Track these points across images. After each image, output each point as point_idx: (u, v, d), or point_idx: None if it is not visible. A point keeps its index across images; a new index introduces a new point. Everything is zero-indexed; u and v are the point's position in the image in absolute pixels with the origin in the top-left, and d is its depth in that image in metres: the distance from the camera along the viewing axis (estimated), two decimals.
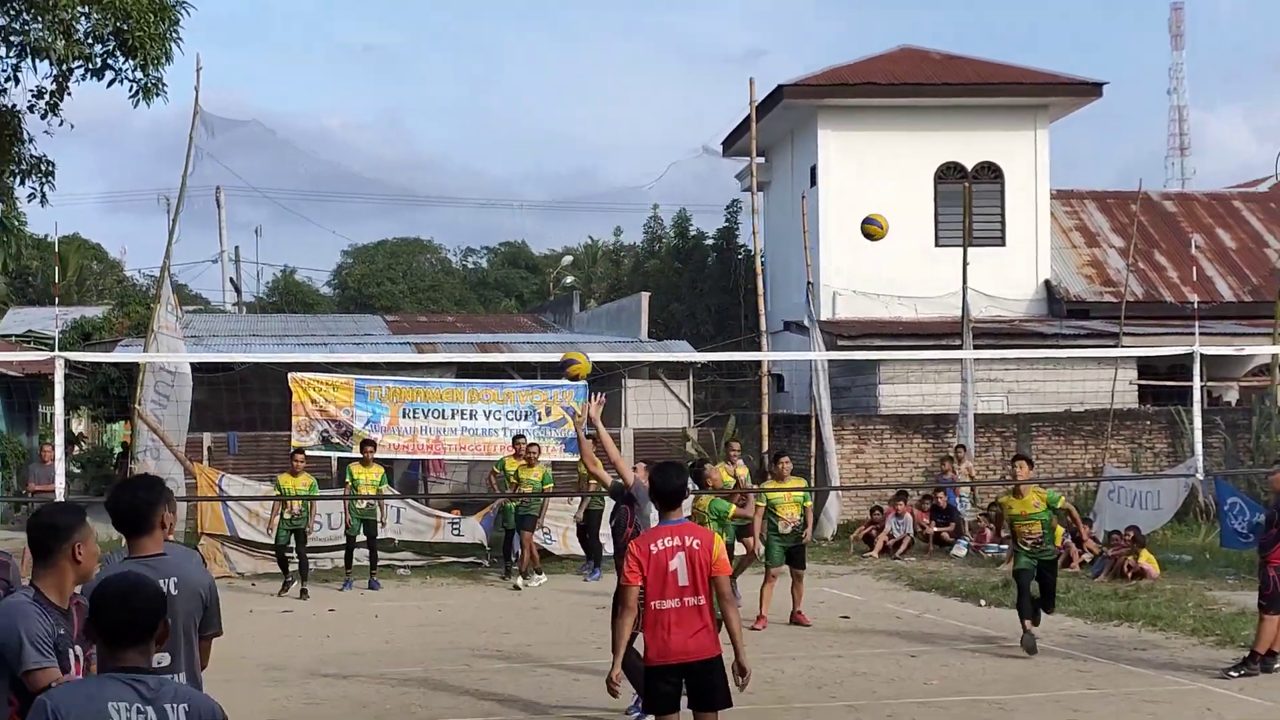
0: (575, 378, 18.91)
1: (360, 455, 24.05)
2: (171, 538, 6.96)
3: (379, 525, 24.00)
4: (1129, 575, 22.69)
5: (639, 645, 10.30)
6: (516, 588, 22.92)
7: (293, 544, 23.09)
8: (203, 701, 5.54)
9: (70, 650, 6.04)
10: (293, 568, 22.83)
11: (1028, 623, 16.29)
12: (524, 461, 24.25)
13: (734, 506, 18.04)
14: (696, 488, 16.84)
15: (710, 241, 48.61)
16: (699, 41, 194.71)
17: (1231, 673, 14.85)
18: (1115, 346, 31.04)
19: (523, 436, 25.17)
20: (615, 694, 9.68)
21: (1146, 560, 22.87)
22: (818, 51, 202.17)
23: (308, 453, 26.36)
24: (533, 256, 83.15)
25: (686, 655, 9.22)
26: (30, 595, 6.11)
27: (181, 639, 6.61)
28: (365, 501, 23.43)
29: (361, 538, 23.76)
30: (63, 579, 6.16)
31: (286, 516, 23.01)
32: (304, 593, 22.50)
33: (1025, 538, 16.67)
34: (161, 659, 6.33)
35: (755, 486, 20.72)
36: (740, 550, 19.64)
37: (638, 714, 13.02)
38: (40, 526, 6.28)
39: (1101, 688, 14.41)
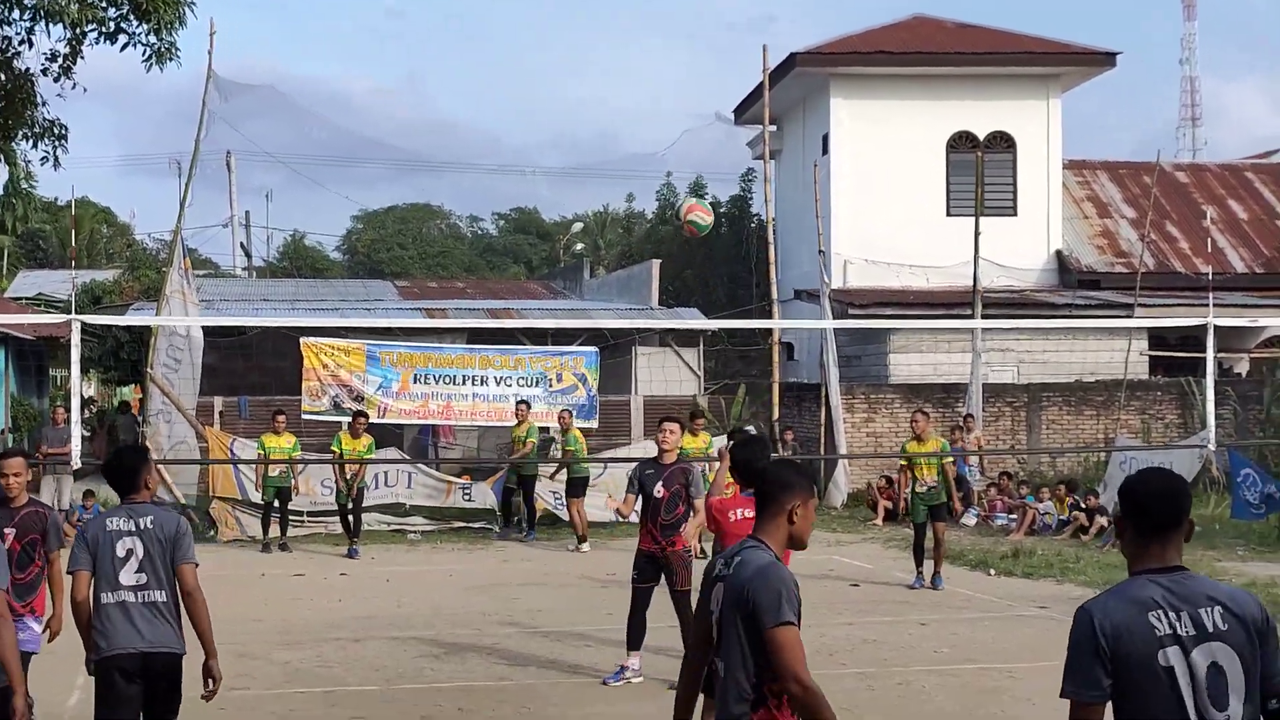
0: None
1: (350, 424, 24.11)
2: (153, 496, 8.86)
3: (363, 493, 24.13)
4: None
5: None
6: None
7: (276, 503, 23.88)
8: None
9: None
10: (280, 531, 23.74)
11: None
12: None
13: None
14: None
15: (723, 209, 48.49)
16: (711, 7, 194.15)
17: None
18: (1127, 317, 30.99)
19: (568, 410, 25.53)
20: None
21: None
22: (829, 18, 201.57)
23: (319, 417, 26.49)
24: (543, 223, 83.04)
25: None
26: None
27: (157, 563, 8.33)
28: (350, 471, 23.54)
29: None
30: None
31: (272, 475, 23.59)
32: (284, 546, 23.62)
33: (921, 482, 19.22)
34: (140, 578, 8.28)
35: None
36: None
37: (617, 680, 13.09)
38: None
39: None
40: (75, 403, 15.24)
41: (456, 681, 13.32)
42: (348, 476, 23.47)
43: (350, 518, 23.52)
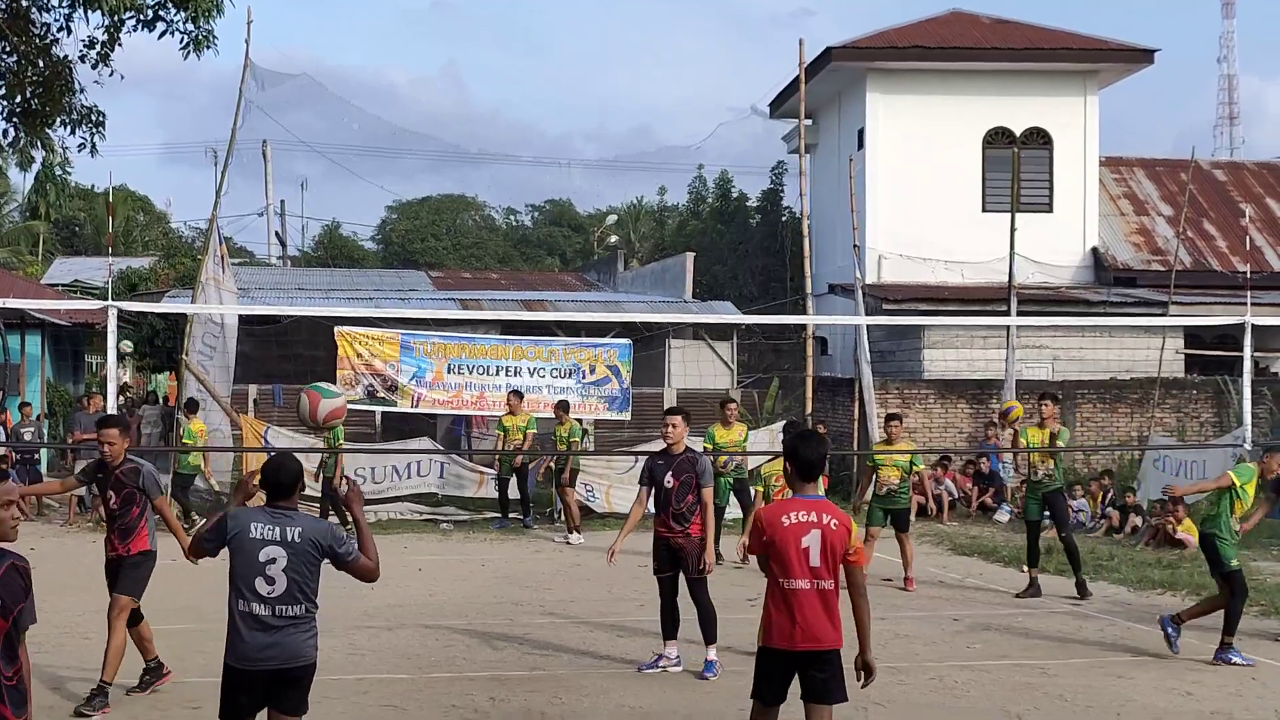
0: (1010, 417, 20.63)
1: (509, 406, 25.30)
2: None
3: (526, 469, 25.33)
4: (1165, 544, 22.71)
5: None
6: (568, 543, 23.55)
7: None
8: (315, 524, 8.43)
9: None
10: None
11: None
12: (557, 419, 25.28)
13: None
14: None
15: (754, 204, 48.38)
16: (748, 1, 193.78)
17: None
18: (1163, 315, 30.84)
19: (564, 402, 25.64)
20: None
21: (1186, 530, 22.76)
22: (866, 13, 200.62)
23: (353, 406, 26.56)
24: (577, 216, 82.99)
25: (812, 643, 8.53)
26: None
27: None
28: (512, 444, 24.73)
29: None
30: None
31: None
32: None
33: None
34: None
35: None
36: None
37: (653, 669, 13.11)
38: None
39: (1145, 654, 14.38)
40: (111, 389, 15.30)
41: (489, 671, 13.33)
42: (509, 448, 24.78)
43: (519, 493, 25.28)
